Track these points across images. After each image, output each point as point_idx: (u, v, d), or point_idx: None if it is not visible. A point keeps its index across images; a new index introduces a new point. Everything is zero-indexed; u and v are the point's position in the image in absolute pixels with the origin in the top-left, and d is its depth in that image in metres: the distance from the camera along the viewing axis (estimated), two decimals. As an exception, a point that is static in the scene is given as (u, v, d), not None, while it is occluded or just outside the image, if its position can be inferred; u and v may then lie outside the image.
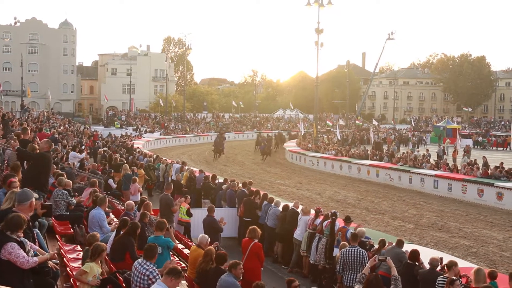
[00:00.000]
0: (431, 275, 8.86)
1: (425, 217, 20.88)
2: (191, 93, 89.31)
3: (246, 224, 13.55)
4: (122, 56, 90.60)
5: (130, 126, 63.06)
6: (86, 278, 7.34)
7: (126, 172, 18.98)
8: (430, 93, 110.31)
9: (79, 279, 7.40)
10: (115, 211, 13.65)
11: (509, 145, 54.13)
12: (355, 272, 9.49)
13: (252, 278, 8.92)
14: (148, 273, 7.27)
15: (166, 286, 6.36)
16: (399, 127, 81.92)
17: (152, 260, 7.50)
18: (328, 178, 31.79)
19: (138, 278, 7.34)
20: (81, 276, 7.40)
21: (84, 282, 7.37)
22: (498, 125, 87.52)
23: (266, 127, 77.61)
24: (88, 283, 7.32)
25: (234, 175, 29.79)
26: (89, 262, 7.48)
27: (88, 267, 7.41)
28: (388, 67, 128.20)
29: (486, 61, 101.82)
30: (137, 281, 7.35)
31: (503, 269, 12.81)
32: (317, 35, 46.02)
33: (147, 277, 7.26)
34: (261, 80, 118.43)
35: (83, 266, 7.47)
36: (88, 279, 7.33)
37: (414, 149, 48.47)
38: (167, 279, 6.41)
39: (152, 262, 7.48)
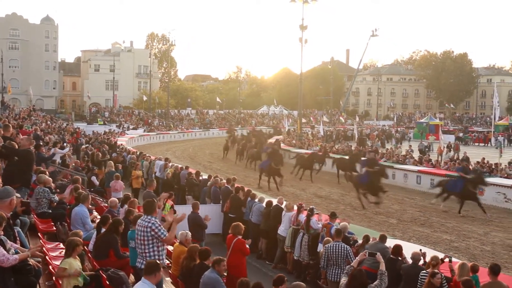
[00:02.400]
0: (413, 269, 8.95)
1: (408, 212, 21.06)
2: (175, 89, 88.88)
3: (231, 220, 13.55)
4: (105, 52, 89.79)
5: (114, 123, 62.61)
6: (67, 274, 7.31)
7: (110, 169, 18.85)
8: (413, 89, 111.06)
9: (61, 275, 7.37)
10: (98, 208, 13.55)
11: (490, 141, 54.72)
12: (339, 267, 9.55)
13: (236, 274, 8.92)
14: (150, 225, 7.56)
15: (151, 283, 6.36)
16: (382, 123, 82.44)
17: (154, 214, 7.76)
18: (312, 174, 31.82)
19: (141, 232, 7.65)
20: (62, 272, 7.36)
21: (66, 276, 7.35)
22: (479, 121, 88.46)
23: (250, 123, 77.61)
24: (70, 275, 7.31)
25: (218, 171, 29.72)
26: (66, 259, 7.46)
27: (66, 263, 7.40)
28: (371, 63, 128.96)
29: (468, 58, 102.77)
30: (140, 235, 7.65)
31: (483, 262, 12.97)
32: (301, 32, 46.11)
33: (149, 228, 7.55)
34: (245, 77, 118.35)
35: (61, 264, 7.47)
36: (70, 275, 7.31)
37: (397, 145, 48.81)
38: (150, 277, 6.41)
39: (153, 215, 7.73)
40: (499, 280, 8.02)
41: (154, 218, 7.71)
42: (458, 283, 8.14)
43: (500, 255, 14.91)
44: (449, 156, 33.93)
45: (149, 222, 7.60)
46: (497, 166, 26.77)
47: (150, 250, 7.63)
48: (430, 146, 45.66)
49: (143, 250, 7.68)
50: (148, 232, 7.56)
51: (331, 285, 9.71)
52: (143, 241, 7.64)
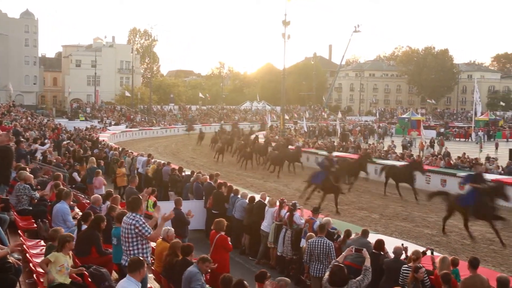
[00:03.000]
0: (395, 264, 9.02)
1: (390, 207, 21.20)
2: (157, 85, 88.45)
3: (214, 216, 13.53)
4: (86, 47, 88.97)
5: (95, 119, 62.14)
6: (52, 268, 7.27)
7: (92, 166, 18.71)
8: (395, 85, 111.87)
9: (42, 268, 7.31)
10: (80, 204, 13.43)
11: (471, 136, 55.36)
12: (322, 262, 9.59)
13: (219, 270, 8.91)
14: (134, 222, 7.50)
15: (135, 279, 6.34)
16: (365, 119, 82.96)
17: (138, 211, 7.70)
18: (295, 170, 31.89)
19: (126, 229, 7.59)
20: (44, 265, 7.30)
21: (45, 271, 7.28)
22: (460, 117, 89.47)
23: (233, 119, 77.56)
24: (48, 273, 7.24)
25: (201, 167, 29.66)
26: (55, 252, 7.41)
27: (53, 256, 7.35)
28: (354, 59, 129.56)
29: (449, 54, 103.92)
30: (125, 232, 7.60)
31: (464, 256, 13.10)
32: (284, 27, 46.19)
33: (133, 226, 7.50)
34: (228, 72, 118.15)
35: (49, 256, 7.43)
36: (54, 270, 7.25)
37: (380, 140, 49.19)
38: (134, 274, 6.38)
39: (138, 213, 7.66)
40: (479, 273, 8.12)
41: (139, 215, 7.65)
42: (439, 277, 8.24)
43: (480, 249, 15.09)
44: (430, 152, 34.25)
45: (133, 219, 7.55)
46: (477, 161, 27.07)
47: (134, 247, 7.57)
48: (413, 141, 46.09)
49: (128, 248, 7.61)
50: (132, 229, 7.51)
51: (314, 280, 9.75)
52: (127, 238, 7.58)
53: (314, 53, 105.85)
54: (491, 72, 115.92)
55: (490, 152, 35.99)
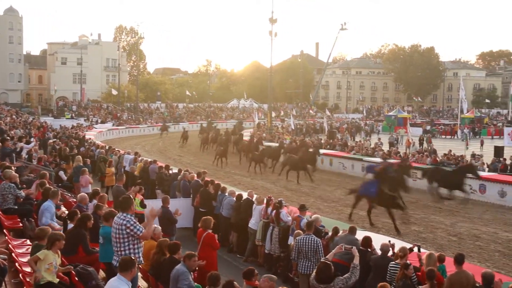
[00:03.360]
0: (382, 260, 9.06)
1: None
2: (144, 83, 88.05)
3: (201, 214, 13.48)
4: (72, 45, 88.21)
5: (82, 117, 61.73)
6: (40, 265, 7.23)
7: (78, 164, 18.57)
8: (382, 83, 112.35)
9: (30, 265, 7.27)
10: (67, 203, 13.34)
11: (456, 133, 55.77)
12: (310, 260, 9.60)
13: (207, 267, 8.89)
14: (125, 222, 7.45)
15: (126, 279, 6.30)
16: (352, 116, 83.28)
17: (129, 211, 7.65)
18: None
19: (116, 230, 7.54)
20: (33, 262, 7.27)
21: (34, 269, 7.23)
22: (446, 114, 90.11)
23: (220, 117, 77.51)
24: (36, 271, 7.20)
25: (188, 165, 29.59)
26: (44, 250, 7.37)
27: (43, 254, 7.32)
28: (341, 57, 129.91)
29: (435, 52, 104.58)
30: (116, 232, 7.55)
31: (450, 252, 13.21)
32: (271, 25, 46.21)
33: (124, 226, 7.44)
34: (215, 70, 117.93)
35: (38, 253, 7.38)
36: (42, 267, 7.22)
37: (367, 137, 49.42)
38: (126, 273, 6.34)
39: (128, 213, 7.61)
40: (464, 269, 8.19)
41: (130, 215, 7.58)
42: (425, 273, 8.29)
43: (466, 245, 15.23)
44: (416, 149, 34.47)
45: (124, 219, 7.48)
46: (462, 158, 27.32)
47: (126, 248, 7.51)
48: (399, 138, 46.36)
49: (119, 248, 7.55)
50: (123, 229, 7.44)
51: (302, 277, 9.77)
52: (118, 239, 7.52)
53: (301, 50, 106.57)
54: (476, 70, 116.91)
55: (476, 149, 36.33)
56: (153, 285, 8.86)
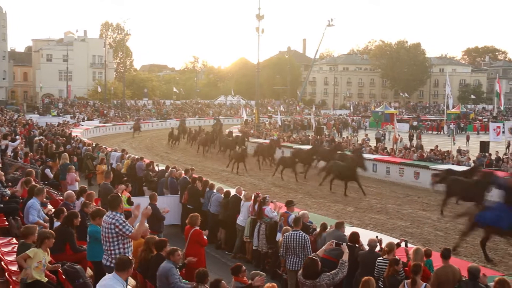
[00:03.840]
0: (370, 255, 9.11)
1: (365, 200, 21.40)
2: (131, 79, 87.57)
3: (189, 211, 13.45)
4: (57, 41, 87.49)
5: (68, 114, 61.27)
6: (29, 263, 7.22)
7: (64, 161, 18.45)
8: (369, 79, 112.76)
9: (19, 263, 7.23)
10: (53, 201, 13.26)
11: (443, 129, 56.14)
12: (298, 256, 9.62)
13: (195, 264, 8.90)
14: (114, 221, 7.41)
15: (122, 278, 6.25)
16: (339, 113, 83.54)
17: (118, 210, 7.61)
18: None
19: (106, 229, 7.51)
20: (22, 260, 7.24)
21: (23, 266, 7.21)
22: (432, 110, 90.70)
23: (207, 113, 77.38)
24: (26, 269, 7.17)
25: (176, 162, 29.51)
26: (34, 248, 7.34)
27: (32, 252, 7.31)
28: (328, 53, 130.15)
29: (421, 48, 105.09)
30: (105, 232, 7.51)
31: (437, 247, 13.31)
32: (258, 21, 46.17)
33: (113, 225, 7.40)
34: (202, 67, 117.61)
35: (28, 251, 7.35)
36: (32, 265, 7.20)
37: (354, 133, 49.63)
38: (122, 273, 6.29)
39: (118, 211, 7.57)
40: (451, 263, 8.27)
41: (119, 214, 7.54)
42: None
43: (452, 240, 15.32)
44: (403, 144, 34.67)
45: (114, 218, 7.44)
46: (449, 153, 27.52)
47: (115, 247, 7.47)
48: (386, 134, 46.57)
49: (109, 247, 7.52)
50: (112, 229, 7.39)
51: (290, 273, 9.79)
52: (108, 238, 7.48)
53: (288, 47, 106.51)
54: (462, 65, 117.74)
55: (462, 145, 36.61)
56: (141, 282, 8.84)
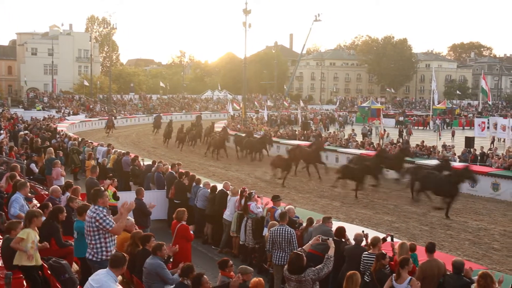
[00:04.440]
0: (356, 250, 9.15)
1: (351, 195, 21.47)
2: (117, 74, 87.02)
3: (176, 206, 13.42)
4: (42, 35, 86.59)
5: (53, 108, 60.75)
6: (24, 245, 7.28)
7: (50, 156, 18.31)
8: (356, 74, 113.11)
9: (16, 247, 7.27)
10: (39, 196, 13.15)
11: (429, 124, 56.54)
12: (284, 250, 9.64)
13: (181, 259, 8.89)
14: (95, 215, 7.39)
15: (115, 275, 6.19)
16: (326, 108, 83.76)
17: (100, 203, 7.58)
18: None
19: (88, 223, 7.49)
20: (18, 244, 7.29)
21: (21, 249, 7.29)
22: (419, 105, 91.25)
23: (194, 108, 77.17)
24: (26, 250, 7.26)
25: (162, 157, 29.39)
26: (25, 229, 7.35)
27: (25, 233, 7.38)
28: (315, 48, 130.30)
29: (407, 44, 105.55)
30: (88, 225, 7.50)
31: (422, 241, 13.43)
32: (245, 16, 46.03)
33: (94, 219, 7.38)
34: (189, 61, 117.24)
35: (20, 233, 7.39)
36: (27, 246, 7.27)
37: (340, 129, 49.78)
38: (116, 270, 6.23)
39: (100, 205, 7.54)
40: (435, 257, 8.35)
41: (101, 208, 7.50)
42: (398, 262, 8.42)
43: (437, 234, 15.50)
44: (389, 140, 34.85)
45: (95, 212, 7.41)
46: (435, 149, 27.72)
47: (97, 241, 7.43)
48: (372, 129, 46.77)
49: (91, 241, 7.49)
50: (93, 222, 7.37)
51: (277, 268, 9.82)
52: (90, 232, 7.46)
53: (275, 42, 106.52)
54: (448, 61, 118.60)
55: (447, 140, 36.91)
56: (127, 277, 8.81)
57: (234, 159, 31.75)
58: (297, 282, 7.35)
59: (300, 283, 7.33)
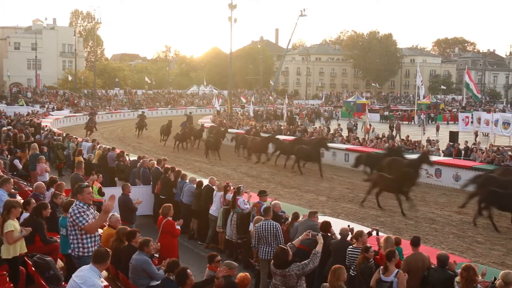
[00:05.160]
0: (342, 244, 9.20)
1: (337, 189, 21.58)
2: (101, 69, 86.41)
3: (162, 201, 13.41)
4: (25, 29, 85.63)
5: (37, 104, 60.20)
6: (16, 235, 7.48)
7: (34, 152, 18.15)
8: (341, 69, 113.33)
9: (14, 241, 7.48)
10: (23, 192, 13.04)
11: (414, 119, 56.87)
12: (270, 245, 9.65)
13: (167, 255, 8.88)
14: (71, 211, 7.35)
15: (98, 270, 6.16)
16: (311, 103, 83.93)
17: (80, 198, 7.52)
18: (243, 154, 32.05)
19: (68, 218, 7.47)
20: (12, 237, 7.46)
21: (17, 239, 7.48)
22: (404, 100, 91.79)
23: (180, 103, 76.95)
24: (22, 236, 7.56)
25: (148, 152, 29.27)
26: (10, 220, 7.46)
27: (10, 225, 7.47)
28: (300, 43, 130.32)
29: (392, 39, 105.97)
30: (69, 220, 7.44)
31: (407, 235, 13.54)
32: (231, 11, 45.95)
33: (69, 214, 7.36)
34: (174, 56, 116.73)
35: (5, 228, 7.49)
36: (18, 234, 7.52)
37: (326, 123, 49.93)
38: (100, 265, 6.19)
39: (79, 200, 7.48)
40: (420, 251, 8.43)
41: (81, 204, 7.41)
42: (384, 256, 8.48)
43: (422, 228, 15.63)
44: (375, 134, 35.03)
45: (73, 207, 7.35)
46: (419, 143, 27.93)
47: (73, 237, 7.35)
48: (357, 124, 46.96)
49: (69, 237, 7.46)
50: (69, 217, 7.32)
51: (263, 263, 9.83)
52: (68, 227, 7.44)
53: (261, 37, 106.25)
54: (432, 56, 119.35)
55: (432, 135, 37.19)
56: (112, 273, 8.78)
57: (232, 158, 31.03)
58: (281, 276, 7.38)
59: (284, 277, 7.36)
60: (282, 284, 7.42)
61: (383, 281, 7.72)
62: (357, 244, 8.87)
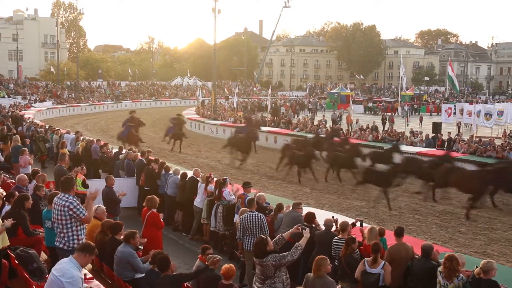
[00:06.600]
0: (326, 235, 9.24)
1: (321, 180, 21.63)
2: (84, 60, 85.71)
3: (146, 193, 13.36)
4: (6, 20, 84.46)
5: (19, 95, 59.49)
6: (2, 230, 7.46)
7: (16, 144, 17.95)
8: (325, 60, 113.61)
9: None
10: (5, 184, 12.90)
11: (397, 110, 57.20)
12: (255, 236, 9.65)
13: (152, 247, 8.86)
14: (68, 204, 7.24)
15: (78, 263, 6.02)
16: (296, 94, 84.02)
17: (71, 192, 7.43)
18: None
19: (58, 211, 7.31)
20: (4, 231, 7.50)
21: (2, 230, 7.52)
22: (387, 92, 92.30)
23: (164, 95, 76.59)
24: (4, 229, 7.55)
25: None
26: None
27: None
28: (284, 34, 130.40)
29: (376, 30, 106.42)
30: (58, 214, 7.32)
31: (391, 226, 13.63)
32: (214, 2, 45.72)
33: (67, 208, 7.23)
34: (158, 47, 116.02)
35: None
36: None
37: (310, 115, 50.02)
38: (80, 256, 6.06)
39: (70, 194, 7.39)
40: (404, 241, 8.50)
41: (72, 196, 7.38)
42: (368, 246, 8.54)
43: (406, 219, 15.76)
44: (359, 126, 35.19)
45: (67, 201, 7.28)
46: (403, 135, 28.11)
47: (69, 230, 7.32)
48: (342, 115, 47.09)
49: (62, 230, 7.36)
50: (66, 211, 7.24)
51: (248, 254, 9.84)
52: (60, 220, 7.32)
53: (245, 28, 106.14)
54: (415, 48, 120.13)
55: (415, 126, 37.44)
56: (97, 265, 8.74)
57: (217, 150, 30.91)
58: (260, 265, 7.40)
59: (262, 267, 7.37)
60: (261, 273, 7.44)
61: (368, 273, 7.78)
62: (342, 235, 8.91)
